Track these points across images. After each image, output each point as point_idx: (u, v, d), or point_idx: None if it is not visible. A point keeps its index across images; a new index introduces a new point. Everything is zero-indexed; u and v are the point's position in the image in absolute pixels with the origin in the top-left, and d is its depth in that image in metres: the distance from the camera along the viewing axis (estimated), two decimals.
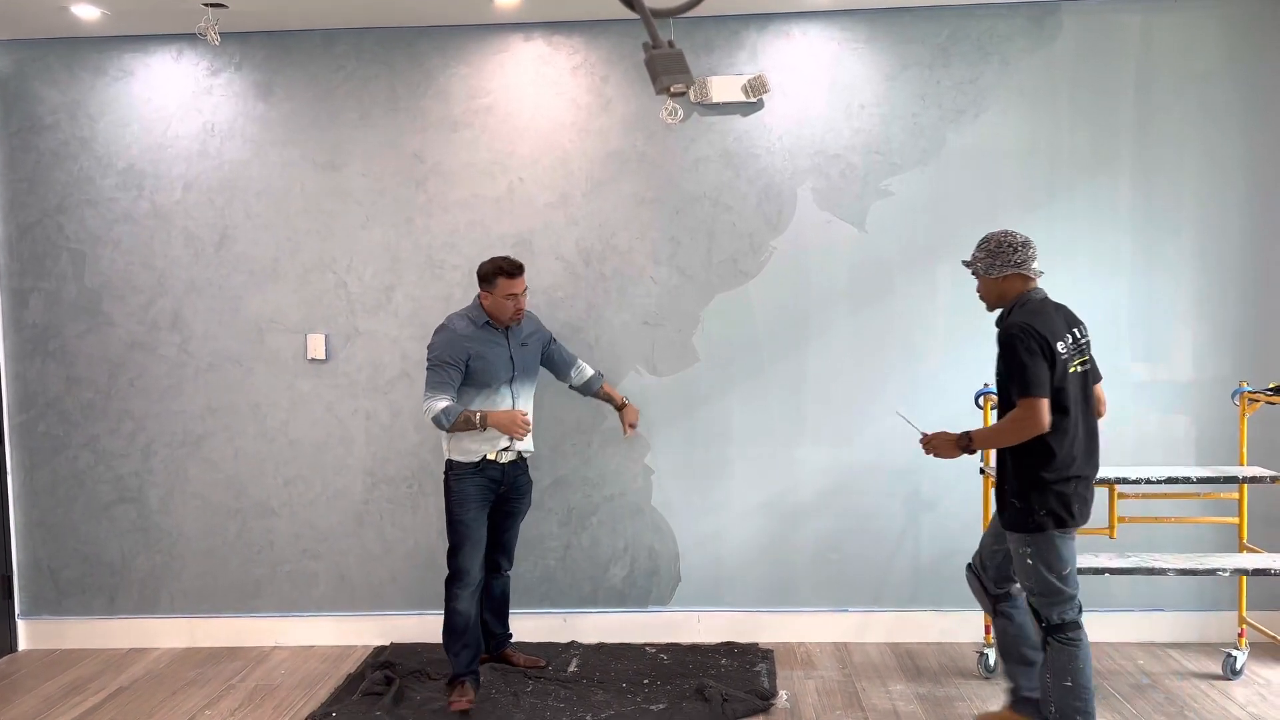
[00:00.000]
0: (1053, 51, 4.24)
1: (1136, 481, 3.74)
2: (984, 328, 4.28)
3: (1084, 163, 4.26)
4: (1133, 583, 4.31)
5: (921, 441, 3.34)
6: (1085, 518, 3.16)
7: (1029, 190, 4.27)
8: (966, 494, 4.26)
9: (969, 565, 3.50)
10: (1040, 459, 3.10)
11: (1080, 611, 3.16)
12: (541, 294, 4.36)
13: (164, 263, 4.45)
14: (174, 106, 4.41)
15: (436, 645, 4.13)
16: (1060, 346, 3.10)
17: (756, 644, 4.37)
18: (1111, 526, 3.84)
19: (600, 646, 4.37)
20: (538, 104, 4.36)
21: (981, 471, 3.96)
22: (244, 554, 4.52)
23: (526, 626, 4.42)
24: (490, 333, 3.79)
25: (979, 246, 3.31)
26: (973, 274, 3.36)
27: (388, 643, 4.47)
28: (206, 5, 3.98)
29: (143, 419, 4.49)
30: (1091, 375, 3.25)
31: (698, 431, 4.40)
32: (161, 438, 4.50)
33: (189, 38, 4.35)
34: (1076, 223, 4.27)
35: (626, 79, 4.33)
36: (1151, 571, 3.67)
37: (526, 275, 3.83)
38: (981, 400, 3.96)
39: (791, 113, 4.31)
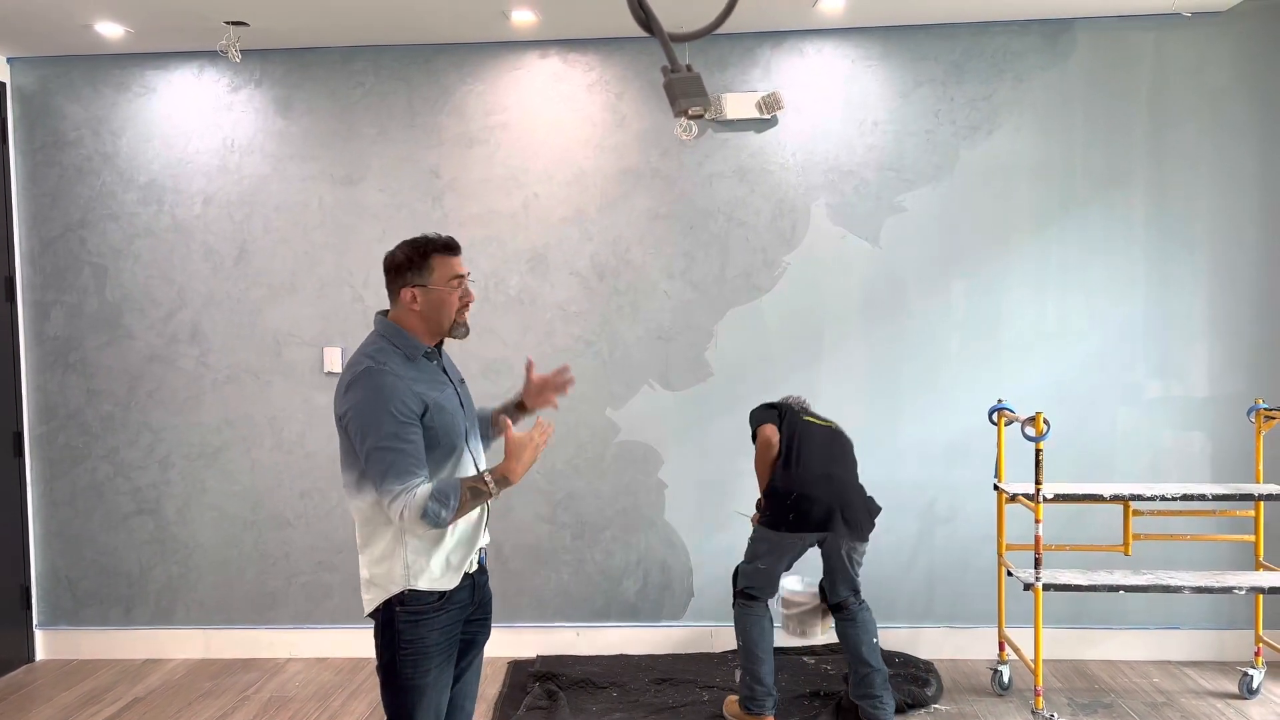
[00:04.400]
0: (1066, 68, 4.25)
1: (1152, 499, 3.73)
2: (998, 344, 4.32)
3: (1098, 179, 4.27)
4: (1148, 600, 4.29)
5: (752, 520, 3.77)
6: (796, 526, 3.60)
7: (1042, 206, 4.28)
8: (980, 510, 4.26)
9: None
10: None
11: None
12: (556, 308, 4.39)
13: (183, 276, 4.51)
14: (195, 122, 4.47)
15: (577, 655, 4.38)
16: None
17: None
18: (1126, 544, 3.82)
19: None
20: (553, 120, 4.40)
21: (996, 487, 3.95)
22: (260, 565, 4.55)
23: (539, 640, 4.44)
24: (429, 368, 2.48)
25: None
26: None
27: (533, 655, 4.41)
28: (228, 23, 4.05)
29: (161, 431, 4.54)
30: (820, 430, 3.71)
31: (710, 446, 4.41)
32: (179, 449, 4.54)
33: (210, 55, 4.42)
34: (1090, 239, 4.27)
35: (641, 96, 4.36)
36: (1167, 589, 3.66)
37: (542, 290, 3.56)
38: (995, 416, 3.95)
39: (805, 129, 4.33)
